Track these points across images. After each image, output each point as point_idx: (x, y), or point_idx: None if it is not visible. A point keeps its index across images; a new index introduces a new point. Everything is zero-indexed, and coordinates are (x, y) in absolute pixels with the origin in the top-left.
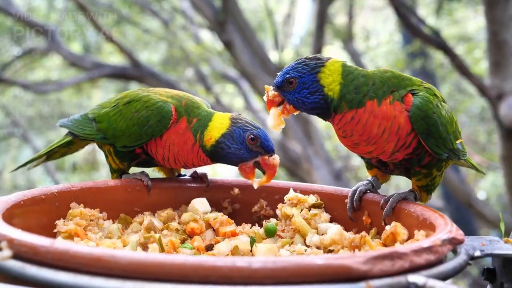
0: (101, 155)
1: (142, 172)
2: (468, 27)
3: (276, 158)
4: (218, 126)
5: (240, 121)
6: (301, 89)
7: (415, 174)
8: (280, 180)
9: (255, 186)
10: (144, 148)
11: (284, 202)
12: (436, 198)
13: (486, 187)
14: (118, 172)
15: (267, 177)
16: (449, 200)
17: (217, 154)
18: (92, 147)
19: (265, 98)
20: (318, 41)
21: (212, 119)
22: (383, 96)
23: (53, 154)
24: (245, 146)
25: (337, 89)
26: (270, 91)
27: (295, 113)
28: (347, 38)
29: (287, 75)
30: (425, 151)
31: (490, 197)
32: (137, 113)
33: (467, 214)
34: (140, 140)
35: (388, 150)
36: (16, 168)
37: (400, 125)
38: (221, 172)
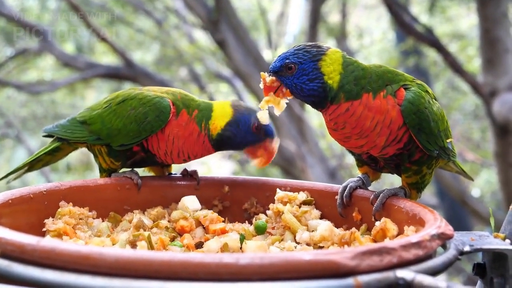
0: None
1: (132, 171)
2: (461, 24)
3: (277, 142)
4: (221, 114)
5: (242, 108)
6: (301, 75)
7: (405, 170)
8: (272, 178)
9: (257, 166)
10: (144, 145)
11: (274, 202)
12: (430, 195)
13: (480, 184)
14: (107, 172)
15: (264, 162)
16: (443, 197)
17: (223, 142)
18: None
19: (261, 85)
20: (312, 39)
21: (213, 109)
22: (378, 90)
23: (36, 163)
24: (250, 133)
25: (337, 79)
26: (267, 77)
27: (289, 97)
28: (340, 37)
29: (287, 60)
30: (416, 147)
31: (484, 194)
32: (133, 111)
33: (461, 212)
34: (139, 137)
35: (379, 144)
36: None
37: (392, 119)
38: (215, 171)
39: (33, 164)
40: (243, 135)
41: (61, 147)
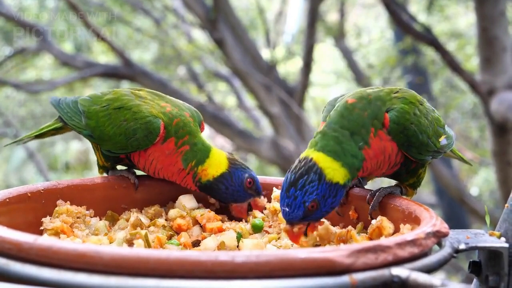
0: (94, 155)
1: (129, 170)
2: (459, 23)
3: (264, 200)
4: (216, 164)
5: (237, 162)
6: (325, 203)
7: (403, 179)
8: (268, 176)
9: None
10: (128, 155)
11: (271, 201)
12: (428, 194)
13: (478, 183)
14: (104, 169)
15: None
16: (442, 196)
17: (210, 190)
18: (86, 146)
19: (289, 239)
20: (310, 38)
21: (209, 156)
22: (367, 135)
23: (43, 134)
24: (242, 188)
25: (344, 171)
26: (294, 227)
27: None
28: (338, 36)
29: (306, 204)
30: (410, 160)
31: (482, 193)
32: (125, 123)
33: (459, 210)
34: (125, 150)
35: (379, 173)
36: (6, 145)
37: (390, 153)
38: None
39: (40, 135)
40: (235, 189)
41: (63, 127)
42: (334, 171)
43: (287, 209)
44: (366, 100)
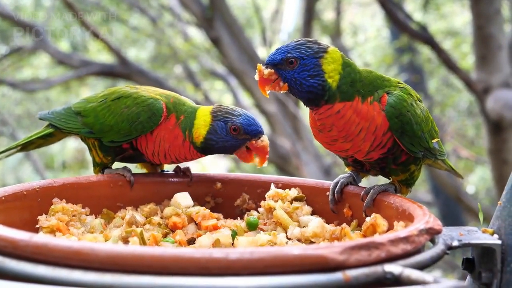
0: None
1: (125, 168)
2: (455, 21)
3: (264, 139)
4: (202, 123)
5: (220, 113)
6: (302, 71)
7: (391, 171)
8: (264, 174)
9: (259, 166)
10: (133, 143)
11: (265, 199)
12: (425, 192)
13: (474, 181)
14: (101, 166)
15: (260, 161)
16: (438, 194)
17: (208, 149)
18: (82, 145)
19: (256, 77)
20: (306, 37)
21: (196, 117)
22: (367, 95)
23: (29, 145)
24: (230, 137)
25: (336, 78)
26: (265, 69)
27: (283, 91)
28: (335, 34)
29: (288, 54)
30: (400, 150)
31: (478, 191)
32: (127, 109)
33: (456, 208)
34: (129, 136)
35: (364, 149)
36: None
37: (377, 126)
38: (210, 168)
39: (26, 146)
40: (224, 140)
41: (54, 133)
42: (331, 65)
43: (272, 52)
44: (380, 74)
